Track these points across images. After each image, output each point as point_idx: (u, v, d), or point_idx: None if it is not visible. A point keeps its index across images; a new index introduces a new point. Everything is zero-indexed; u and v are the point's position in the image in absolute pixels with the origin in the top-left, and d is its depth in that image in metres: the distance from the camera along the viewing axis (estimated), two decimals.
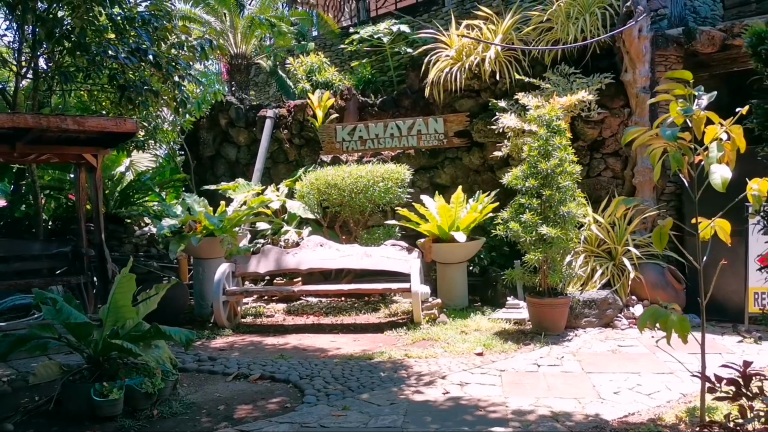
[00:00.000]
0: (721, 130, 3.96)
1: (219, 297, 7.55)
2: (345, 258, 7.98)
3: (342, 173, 8.81)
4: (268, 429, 4.33)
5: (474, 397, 4.88)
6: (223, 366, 6.01)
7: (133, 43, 7.50)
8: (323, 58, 11.39)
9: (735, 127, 3.89)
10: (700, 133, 3.99)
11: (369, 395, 5.01)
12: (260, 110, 10.89)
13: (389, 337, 7.05)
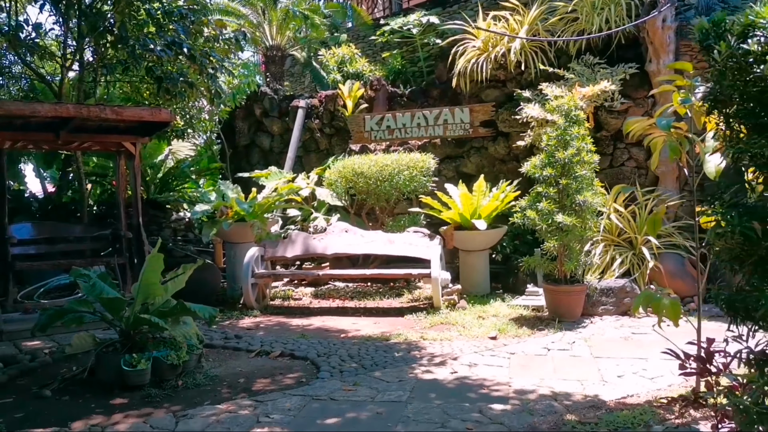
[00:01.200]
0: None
1: (248, 279, 7.91)
2: (369, 244, 8.23)
3: (368, 162, 9.06)
4: (281, 400, 4.62)
5: (481, 377, 5.08)
6: (247, 343, 6.35)
7: (170, 36, 7.87)
8: (354, 49, 11.63)
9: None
10: (700, 123, 4.07)
11: (381, 373, 5.26)
12: (293, 100, 11.21)
13: (408, 321, 7.28)
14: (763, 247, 1.99)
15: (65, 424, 4.25)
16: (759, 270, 2.06)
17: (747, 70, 1.95)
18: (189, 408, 4.50)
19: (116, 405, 4.63)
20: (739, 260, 2.09)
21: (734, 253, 2.10)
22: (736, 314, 2.13)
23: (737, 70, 1.98)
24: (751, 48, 1.95)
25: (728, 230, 2.02)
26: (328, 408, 4.42)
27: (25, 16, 9.47)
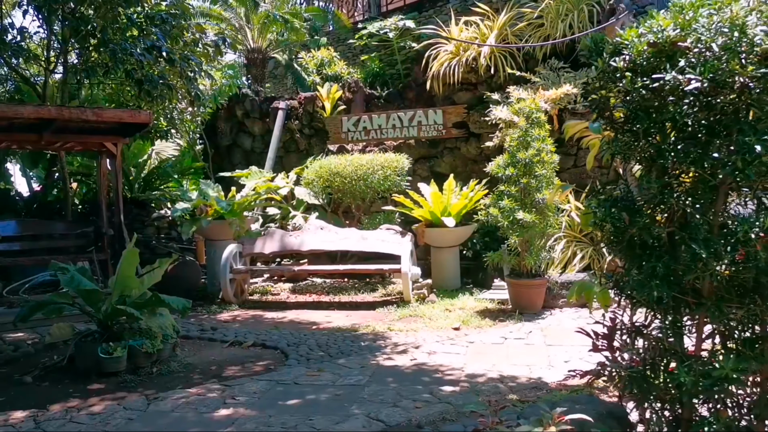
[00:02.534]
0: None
1: (226, 275, 8.21)
2: (343, 241, 8.55)
3: (344, 162, 9.38)
4: (248, 384, 4.94)
5: (437, 363, 5.41)
6: (222, 335, 6.66)
7: (149, 41, 8.15)
8: (334, 52, 11.94)
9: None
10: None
11: (345, 360, 5.59)
12: (273, 102, 11.51)
13: (379, 314, 7.60)
14: (629, 234, 2.32)
15: (44, 406, 4.54)
16: (627, 253, 2.39)
17: (616, 84, 2.28)
18: (161, 392, 4.80)
19: (93, 390, 4.93)
20: (613, 245, 2.42)
21: (608, 240, 2.44)
22: (621, 293, 2.46)
23: (610, 83, 2.31)
24: (618, 65, 2.28)
25: (599, 220, 2.36)
26: (290, 391, 4.75)
27: (11, 19, 9.71)
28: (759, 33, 1.97)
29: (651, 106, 2.20)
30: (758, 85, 1.97)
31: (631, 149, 2.33)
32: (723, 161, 2.04)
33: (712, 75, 2.00)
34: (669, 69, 2.07)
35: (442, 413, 4.12)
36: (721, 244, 2.06)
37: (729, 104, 2.06)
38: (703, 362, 2.18)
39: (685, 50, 2.10)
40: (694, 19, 2.11)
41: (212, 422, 4.13)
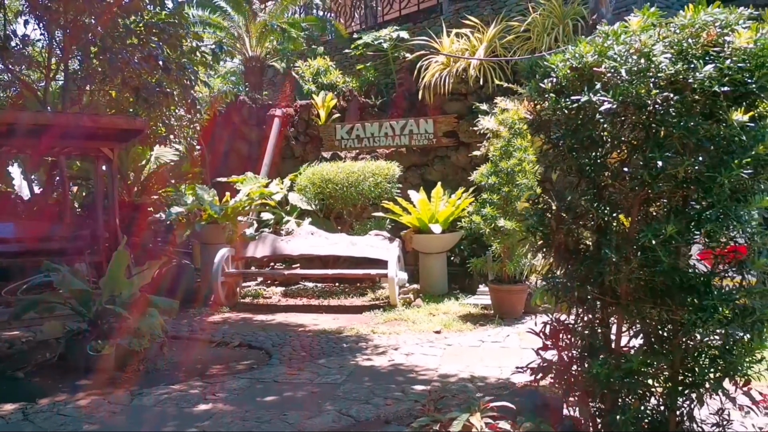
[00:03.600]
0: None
1: (218, 278, 8.44)
2: (333, 246, 8.78)
3: (336, 169, 9.62)
4: (229, 382, 5.15)
5: (414, 364, 5.62)
6: (210, 335, 6.90)
7: (146, 50, 8.42)
8: (330, 61, 12.20)
9: None
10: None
11: (325, 360, 5.80)
12: (270, 109, 11.77)
13: (365, 317, 7.82)
14: (556, 240, 2.53)
15: (33, 400, 4.76)
16: (556, 257, 2.60)
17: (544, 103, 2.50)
18: (145, 388, 5.02)
19: (81, 385, 5.16)
20: (544, 250, 2.64)
21: (540, 245, 2.65)
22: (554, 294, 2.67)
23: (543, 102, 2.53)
24: (546, 87, 2.50)
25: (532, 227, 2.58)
26: (269, 388, 4.96)
27: (14, 27, 10.02)
28: (663, 60, 2.18)
29: (575, 125, 2.42)
30: (663, 107, 2.18)
31: (561, 163, 2.55)
32: (633, 175, 2.26)
33: (622, 97, 2.22)
34: (587, 91, 2.29)
35: (410, 410, 4.32)
36: (633, 249, 2.27)
37: (639, 124, 2.27)
38: (617, 357, 2.39)
39: (600, 75, 2.32)
40: (609, 47, 2.33)
41: (191, 416, 4.34)
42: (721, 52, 2.18)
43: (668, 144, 2.21)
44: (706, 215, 2.14)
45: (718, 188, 2.13)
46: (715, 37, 2.20)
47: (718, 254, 2.24)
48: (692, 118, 2.15)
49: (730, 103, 2.19)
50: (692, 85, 2.14)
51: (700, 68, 2.13)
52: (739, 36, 2.15)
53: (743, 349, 2.26)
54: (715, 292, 2.20)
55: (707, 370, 2.31)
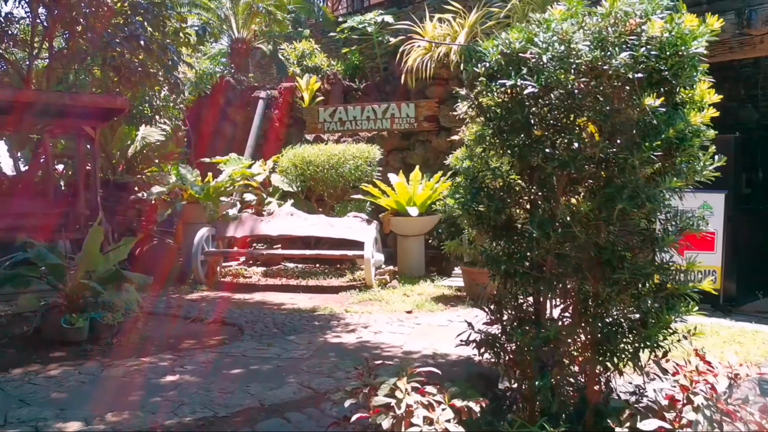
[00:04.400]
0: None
1: (197, 257, 8.57)
2: (312, 227, 8.91)
3: (317, 151, 9.73)
4: (199, 356, 5.31)
5: (381, 341, 5.78)
6: (186, 311, 7.04)
7: (128, 29, 8.47)
8: (316, 44, 12.26)
9: None
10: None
11: (295, 337, 5.96)
12: (255, 91, 11.84)
13: (341, 297, 7.97)
14: (492, 218, 2.68)
15: (6, 370, 4.90)
16: (489, 234, 2.75)
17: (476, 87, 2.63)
18: (116, 360, 5.17)
19: (54, 357, 5.30)
20: (478, 226, 2.78)
21: (473, 222, 2.79)
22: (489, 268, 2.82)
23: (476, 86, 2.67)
24: (479, 71, 2.63)
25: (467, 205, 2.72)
26: (237, 362, 5.12)
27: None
28: (583, 48, 2.31)
29: (505, 108, 2.55)
30: (581, 91, 2.31)
31: (495, 145, 2.69)
32: (554, 156, 2.39)
33: (544, 82, 2.35)
34: (514, 76, 2.42)
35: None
36: (555, 226, 2.41)
37: (561, 107, 2.40)
38: (538, 326, 2.54)
39: (526, 60, 2.44)
40: (536, 34, 2.45)
41: (158, 386, 4.49)
42: (637, 40, 2.31)
43: (585, 127, 2.34)
44: (618, 195, 2.27)
45: (630, 169, 2.27)
46: (635, 26, 2.33)
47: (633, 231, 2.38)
48: (608, 103, 2.28)
49: (646, 89, 2.31)
50: (608, 72, 2.27)
51: (616, 55, 2.26)
52: (653, 25, 2.27)
53: (657, 322, 2.41)
54: (626, 266, 2.34)
55: (622, 341, 2.46)
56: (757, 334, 5.90)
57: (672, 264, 2.42)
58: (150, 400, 4.19)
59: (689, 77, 2.35)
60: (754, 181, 7.74)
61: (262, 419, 3.83)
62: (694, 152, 2.37)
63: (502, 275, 2.67)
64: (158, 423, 3.75)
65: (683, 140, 2.30)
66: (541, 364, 2.55)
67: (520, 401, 2.68)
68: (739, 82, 8.85)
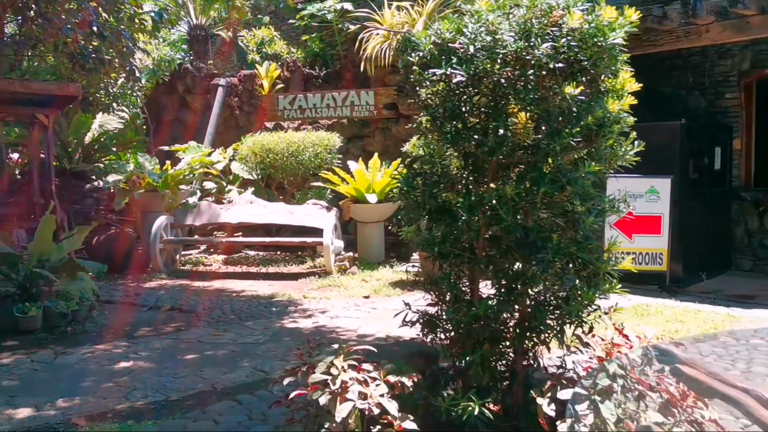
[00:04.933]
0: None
1: (155, 245, 8.53)
2: (271, 214, 8.94)
3: (277, 139, 9.74)
4: (154, 342, 5.34)
5: (337, 326, 5.89)
6: (143, 300, 7.03)
7: (81, 15, 8.32)
8: (275, 32, 12.20)
9: None
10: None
11: (252, 323, 6.02)
12: (214, 79, 11.75)
13: (300, 283, 8.04)
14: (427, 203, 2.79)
15: None
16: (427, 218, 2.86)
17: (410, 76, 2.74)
18: (70, 348, 5.18)
19: (7, 346, 5.27)
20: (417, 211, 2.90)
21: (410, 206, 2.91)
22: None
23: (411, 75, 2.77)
24: (414, 60, 2.73)
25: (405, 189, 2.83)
26: (192, 347, 5.17)
27: None
28: (507, 38, 2.42)
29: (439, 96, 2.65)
30: (507, 80, 2.43)
31: (432, 131, 2.79)
32: (483, 142, 2.51)
33: (472, 71, 2.46)
34: (444, 65, 2.52)
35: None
36: (485, 209, 2.53)
37: (489, 96, 2.52)
38: (469, 305, 2.66)
39: (456, 50, 2.54)
40: (465, 24, 2.56)
41: (110, 372, 4.53)
42: (559, 31, 2.43)
43: (513, 114, 2.45)
44: (541, 179, 2.40)
45: (553, 154, 2.40)
46: (558, 18, 2.44)
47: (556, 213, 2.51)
48: (533, 91, 2.40)
49: (568, 78, 2.44)
50: (531, 62, 2.39)
51: (538, 46, 2.38)
52: (572, 17, 2.39)
53: (579, 299, 2.55)
54: (550, 247, 2.47)
55: (548, 317, 2.60)
56: (699, 313, 6.18)
57: (592, 244, 2.56)
58: (102, 385, 4.22)
59: (608, 67, 2.48)
60: (701, 166, 8.03)
61: (213, 402, 3.91)
62: (614, 138, 2.50)
63: (436, 257, 2.79)
64: (109, 407, 3.80)
65: (603, 126, 2.43)
66: (474, 340, 2.68)
67: (456, 377, 2.81)
68: (688, 71, 9.12)
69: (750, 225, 8.48)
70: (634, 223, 7.22)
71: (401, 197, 2.95)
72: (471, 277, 2.86)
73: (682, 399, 2.10)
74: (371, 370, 2.57)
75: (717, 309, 6.34)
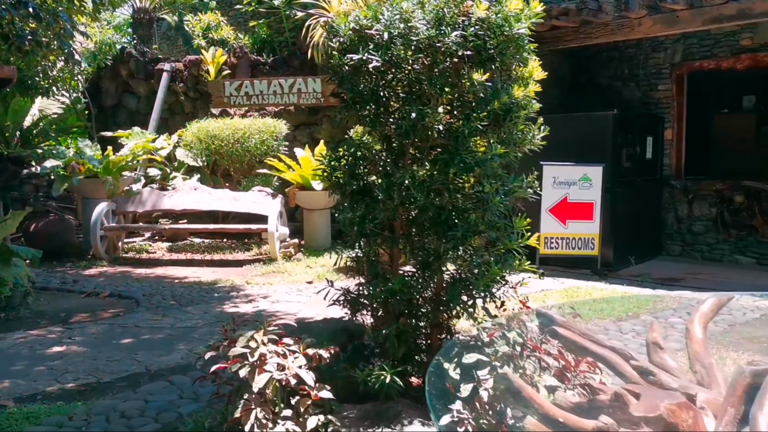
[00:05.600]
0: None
1: (96, 232, 8.42)
2: (216, 201, 8.91)
3: (222, 125, 9.68)
4: (90, 327, 5.32)
5: (277, 310, 5.96)
6: (81, 286, 6.96)
7: None
8: (222, 17, 12.08)
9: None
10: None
11: (192, 308, 6.04)
12: (159, 64, 11.57)
13: (244, 270, 8.07)
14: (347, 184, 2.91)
15: None
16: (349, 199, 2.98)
17: None
18: (3, 333, 5.11)
19: None
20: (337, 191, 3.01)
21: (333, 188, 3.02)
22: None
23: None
24: (335, 46, 2.82)
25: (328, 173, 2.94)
26: (128, 332, 5.17)
27: None
28: (420, 26, 2.54)
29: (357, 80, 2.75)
30: (420, 66, 2.55)
31: (351, 115, 2.90)
32: (398, 126, 2.63)
33: (387, 57, 2.57)
34: (362, 51, 2.62)
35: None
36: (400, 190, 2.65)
37: (404, 81, 2.64)
38: (386, 280, 2.80)
39: (372, 36, 2.65)
40: (381, 12, 2.66)
41: (43, 357, 4.51)
42: (468, 21, 2.56)
43: (428, 99, 2.58)
44: (452, 161, 2.53)
45: (462, 138, 2.53)
46: (468, 8, 2.57)
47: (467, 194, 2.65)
48: (443, 77, 2.53)
49: (478, 65, 2.57)
50: (441, 49, 2.51)
51: (448, 34, 2.50)
52: (479, 7, 2.52)
53: (487, 274, 2.71)
54: (461, 225, 2.62)
55: (459, 291, 2.75)
56: (625, 295, 6.49)
57: (499, 223, 2.71)
58: (34, 369, 4.21)
59: (514, 55, 2.63)
60: (633, 155, 8.37)
61: (146, 383, 3.94)
62: (521, 123, 2.65)
63: (356, 236, 2.90)
64: (39, 390, 3.80)
65: (509, 112, 2.58)
66: (392, 315, 2.81)
67: (376, 351, 2.94)
68: (624, 63, 9.46)
69: (680, 212, 8.89)
70: (568, 210, 7.51)
71: (323, 179, 3.04)
72: (390, 255, 2.98)
73: (576, 365, 2.27)
74: (291, 344, 2.67)
75: (643, 291, 6.67)
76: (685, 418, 1.52)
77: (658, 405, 1.56)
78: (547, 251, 7.65)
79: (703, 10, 7.47)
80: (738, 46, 8.35)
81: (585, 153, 7.69)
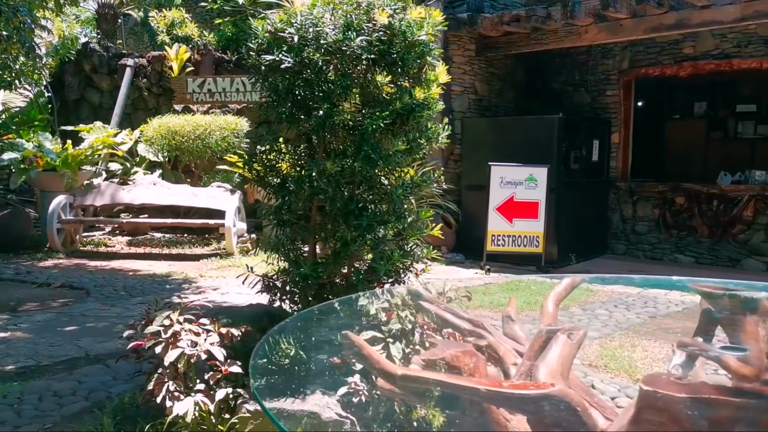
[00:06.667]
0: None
1: (53, 225, 8.49)
2: (174, 196, 9.03)
3: (183, 122, 9.80)
4: (37, 316, 5.44)
5: (225, 300, 6.12)
6: (34, 277, 7.04)
7: None
8: (186, 14, 12.18)
9: None
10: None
11: (142, 298, 6.18)
12: (122, 59, 11.64)
13: (200, 264, 8.20)
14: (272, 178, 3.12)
15: None
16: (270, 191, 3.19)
17: None
18: None
19: None
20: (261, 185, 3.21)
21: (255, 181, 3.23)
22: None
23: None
24: (253, 46, 3.03)
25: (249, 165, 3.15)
26: (74, 320, 5.30)
27: None
28: (328, 31, 2.75)
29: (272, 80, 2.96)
30: (327, 68, 2.76)
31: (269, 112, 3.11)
32: (309, 121, 2.84)
33: (299, 58, 2.78)
34: (276, 52, 2.83)
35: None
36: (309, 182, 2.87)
37: (313, 81, 2.85)
38: (299, 266, 3.01)
39: (285, 39, 2.86)
40: (293, 14, 2.88)
41: None
42: (372, 27, 2.78)
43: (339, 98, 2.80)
44: (357, 156, 2.75)
45: (367, 135, 2.75)
46: (375, 15, 2.79)
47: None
48: (349, 79, 2.75)
49: (383, 68, 2.80)
50: (347, 52, 2.73)
51: (353, 39, 2.72)
52: (382, 14, 2.75)
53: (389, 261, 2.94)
54: (366, 215, 2.84)
55: (366, 277, 2.97)
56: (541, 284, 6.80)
57: (404, 215, 2.94)
58: None
59: (416, 60, 2.85)
60: (579, 157, 8.70)
61: (82, 366, 4.10)
62: (422, 122, 2.88)
63: (275, 225, 3.11)
64: None
65: (411, 112, 2.80)
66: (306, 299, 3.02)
67: None
68: (575, 69, 9.80)
69: (625, 212, 9.25)
70: (515, 208, 7.79)
71: (246, 173, 3.24)
72: (306, 242, 3.19)
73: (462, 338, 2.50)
74: (207, 324, 2.87)
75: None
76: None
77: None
78: (494, 248, 7.93)
79: (645, 20, 7.83)
80: (681, 54, 8.73)
81: (533, 155, 7.99)
